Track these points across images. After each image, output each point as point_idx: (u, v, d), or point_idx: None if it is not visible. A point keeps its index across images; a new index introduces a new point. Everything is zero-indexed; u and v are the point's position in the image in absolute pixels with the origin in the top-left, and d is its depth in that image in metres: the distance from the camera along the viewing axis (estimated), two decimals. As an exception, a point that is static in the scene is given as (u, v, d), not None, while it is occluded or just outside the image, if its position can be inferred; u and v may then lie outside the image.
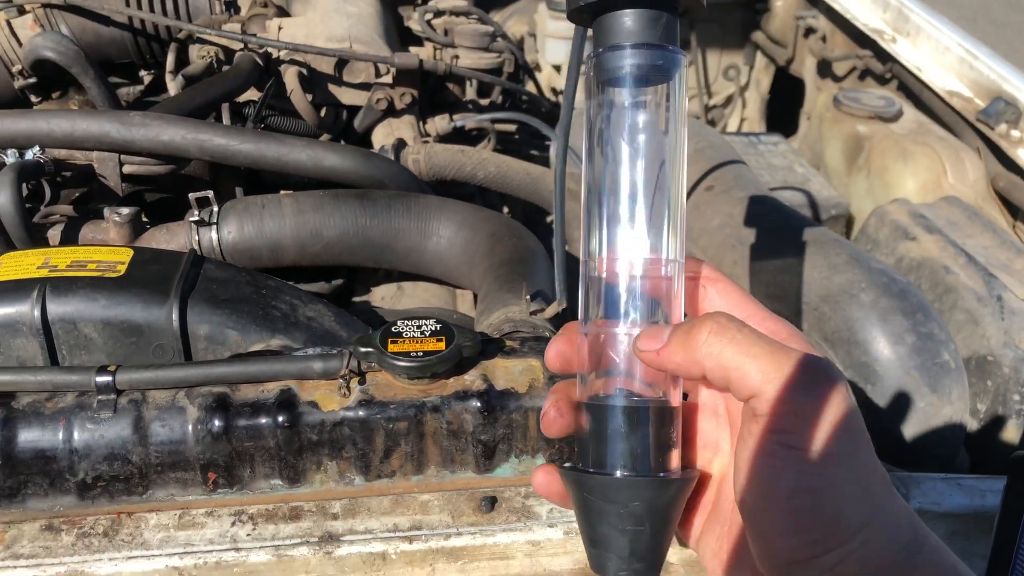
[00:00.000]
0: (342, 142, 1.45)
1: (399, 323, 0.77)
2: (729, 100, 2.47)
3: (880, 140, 1.64)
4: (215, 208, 1.05)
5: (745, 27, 2.36)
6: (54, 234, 1.07)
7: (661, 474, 0.47)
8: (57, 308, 0.80)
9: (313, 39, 1.41)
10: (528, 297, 0.91)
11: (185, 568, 0.67)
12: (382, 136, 1.45)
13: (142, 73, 1.64)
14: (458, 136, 1.53)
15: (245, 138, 1.10)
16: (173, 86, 1.38)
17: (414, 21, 1.63)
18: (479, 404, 0.74)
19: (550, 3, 2.02)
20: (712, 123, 2.46)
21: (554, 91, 2.03)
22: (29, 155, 1.05)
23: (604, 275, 0.49)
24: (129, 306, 0.81)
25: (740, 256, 1.13)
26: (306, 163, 1.12)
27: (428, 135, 1.49)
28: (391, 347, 0.75)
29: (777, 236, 1.13)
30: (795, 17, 2.18)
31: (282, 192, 1.15)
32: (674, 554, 0.69)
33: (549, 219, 1.51)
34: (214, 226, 1.03)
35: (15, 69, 1.50)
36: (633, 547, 0.46)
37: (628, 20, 0.47)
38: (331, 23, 1.45)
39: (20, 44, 1.49)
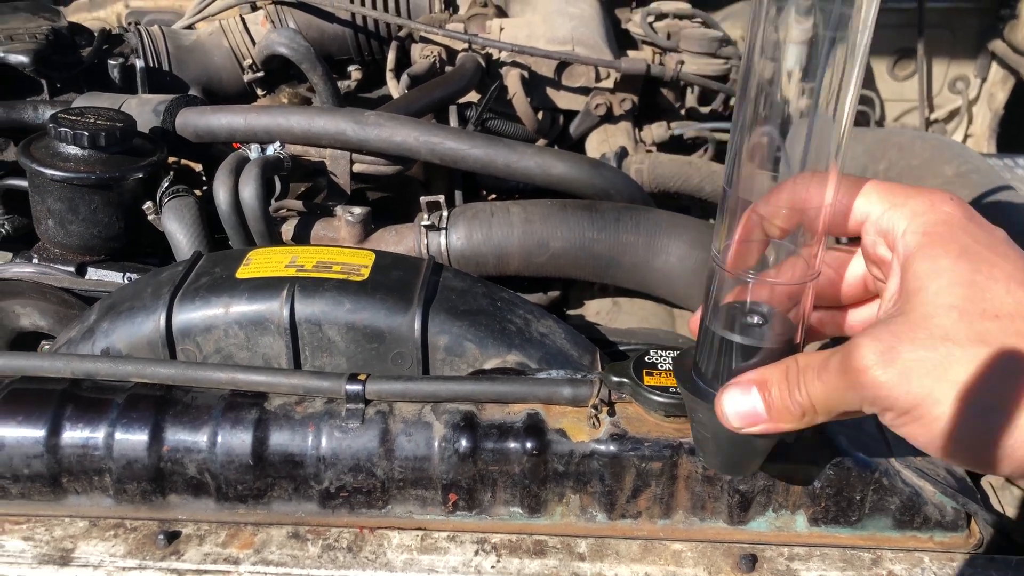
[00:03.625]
0: (556, 147, 1.41)
1: (653, 353, 0.72)
2: (953, 115, 2.27)
3: None
4: (444, 213, 1.03)
5: (982, 35, 2.15)
6: (287, 228, 1.09)
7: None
8: (304, 309, 0.80)
9: (535, 40, 1.37)
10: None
11: (429, 595, 0.64)
12: (597, 142, 1.41)
13: (351, 68, 1.66)
14: (674, 145, 1.46)
15: (476, 143, 1.07)
16: (395, 85, 1.38)
17: (633, 24, 1.57)
18: (742, 450, 0.67)
19: (771, 6, 1.90)
20: (932, 139, 2.26)
21: (767, 100, 1.92)
22: (270, 150, 1.07)
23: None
24: (373, 311, 0.80)
25: None
26: (534, 171, 1.08)
27: (644, 143, 1.43)
28: (647, 379, 0.70)
29: None
30: None
31: (509, 201, 1.12)
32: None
33: None
34: (443, 231, 1.01)
35: (246, 63, 1.56)
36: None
37: None
38: (553, 24, 1.41)
39: (252, 40, 1.55)
